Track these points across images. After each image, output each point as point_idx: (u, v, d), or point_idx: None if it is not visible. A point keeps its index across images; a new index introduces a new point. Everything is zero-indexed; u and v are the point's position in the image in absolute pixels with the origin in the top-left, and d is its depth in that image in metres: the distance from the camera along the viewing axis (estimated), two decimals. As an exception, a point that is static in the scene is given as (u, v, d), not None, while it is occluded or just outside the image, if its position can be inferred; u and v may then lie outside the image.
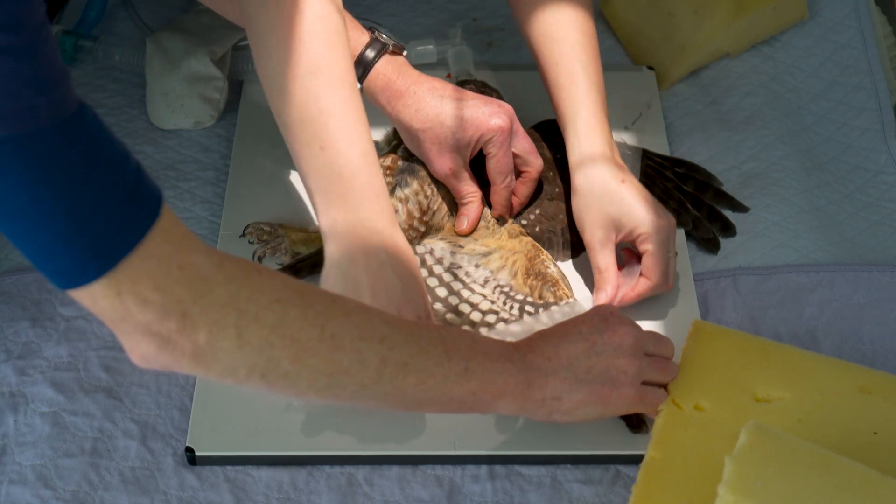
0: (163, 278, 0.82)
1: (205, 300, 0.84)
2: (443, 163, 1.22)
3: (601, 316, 1.05)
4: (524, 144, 1.24)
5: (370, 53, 1.21)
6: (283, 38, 1.07)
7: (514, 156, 1.23)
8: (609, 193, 1.18)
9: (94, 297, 0.82)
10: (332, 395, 0.92)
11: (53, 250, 0.80)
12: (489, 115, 1.21)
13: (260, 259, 1.25)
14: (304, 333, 0.88)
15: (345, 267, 1.07)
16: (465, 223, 1.24)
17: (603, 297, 1.19)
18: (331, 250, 1.08)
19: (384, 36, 1.22)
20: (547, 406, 1.01)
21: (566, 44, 1.25)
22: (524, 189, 1.26)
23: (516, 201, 1.27)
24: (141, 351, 0.85)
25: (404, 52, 1.23)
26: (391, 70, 1.21)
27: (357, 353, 0.91)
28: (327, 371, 0.90)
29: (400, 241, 1.09)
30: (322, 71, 1.08)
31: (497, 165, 1.22)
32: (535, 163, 1.25)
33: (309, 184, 1.09)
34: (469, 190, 1.23)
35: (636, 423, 1.11)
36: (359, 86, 1.20)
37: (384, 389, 0.93)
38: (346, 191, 1.07)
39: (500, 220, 1.26)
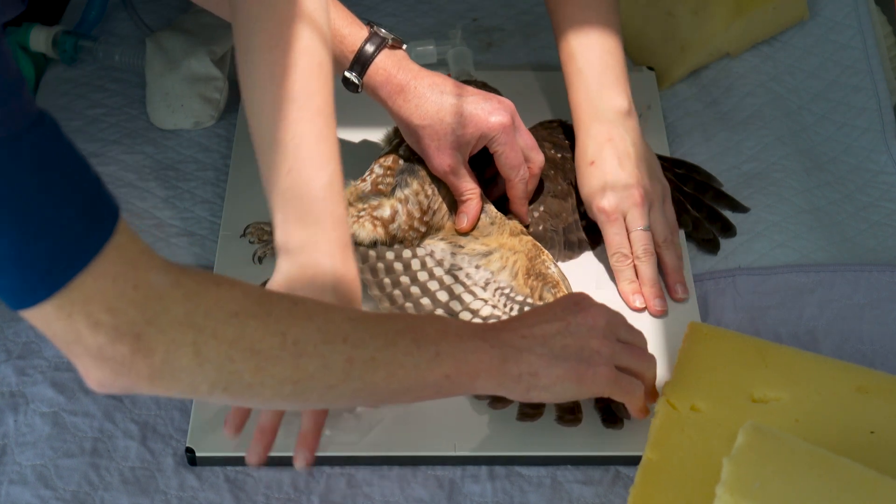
0: (116, 299, 0.80)
1: (160, 320, 0.82)
2: (442, 160, 1.22)
3: (574, 300, 1.04)
4: (526, 140, 1.24)
5: (369, 48, 1.20)
6: (268, 66, 1.06)
7: None
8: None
9: (47, 319, 0.80)
10: (299, 401, 0.92)
11: (1, 268, 0.77)
12: (490, 113, 1.20)
13: (260, 259, 1.25)
14: (265, 343, 0.87)
15: (289, 284, 1.05)
16: (465, 221, 1.24)
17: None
18: (281, 265, 1.07)
19: (383, 31, 1.22)
20: (524, 382, 1.00)
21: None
22: (529, 185, 1.26)
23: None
24: (96, 376, 0.84)
25: (404, 46, 1.23)
26: (391, 64, 1.21)
27: (321, 356, 0.90)
28: (292, 378, 0.89)
29: (350, 271, 1.07)
30: (300, 100, 1.06)
31: (507, 161, 1.22)
32: (536, 158, 1.24)
33: (271, 200, 1.08)
34: (468, 187, 1.23)
35: (612, 419, 1.11)
36: (358, 81, 1.20)
37: (353, 387, 0.92)
38: (305, 214, 1.06)
39: (507, 216, 1.26)
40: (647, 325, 1.21)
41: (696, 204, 1.33)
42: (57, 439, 1.12)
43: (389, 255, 1.22)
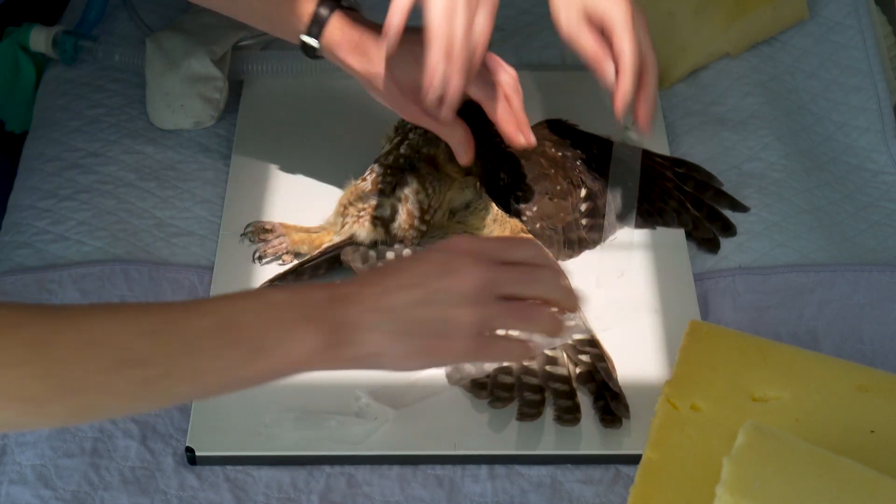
0: None
1: None
2: (412, 107, 1.18)
3: (446, 254, 0.95)
4: (488, 56, 1.17)
5: (324, 11, 1.16)
6: None
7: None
8: None
9: None
10: (97, 419, 0.89)
11: None
12: None
13: (261, 259, 1.25)
14: (40, 390, 0.82)
15: None
16: (463, 153, 1.19)
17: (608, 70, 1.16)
18: None
19: None
20: (363, 362, 0.92)
21: None
22: (517, 100, 1.19)
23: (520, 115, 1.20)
24: None
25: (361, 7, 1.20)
26: (347, 24, 1.17)
27: (109, 387, 0.85)
28: (78, 411, 0.86)
29: None
30: None
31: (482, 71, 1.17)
32: (510, 69, 1.18)
33: None
34: (452, 124, 1.18)
35: (610, 418, 1.12)
36: (315, 43, 1.16)
37: (154, 402, 0.89)
38: None
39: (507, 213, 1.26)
40: (648, 324, 1.21)
41: (696, 203, 1.33)
42: (57, 439, 1.11)
43: (390, 254, 1.22)
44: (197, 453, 1.10)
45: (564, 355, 1.16)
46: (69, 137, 1.39)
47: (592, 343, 1.17)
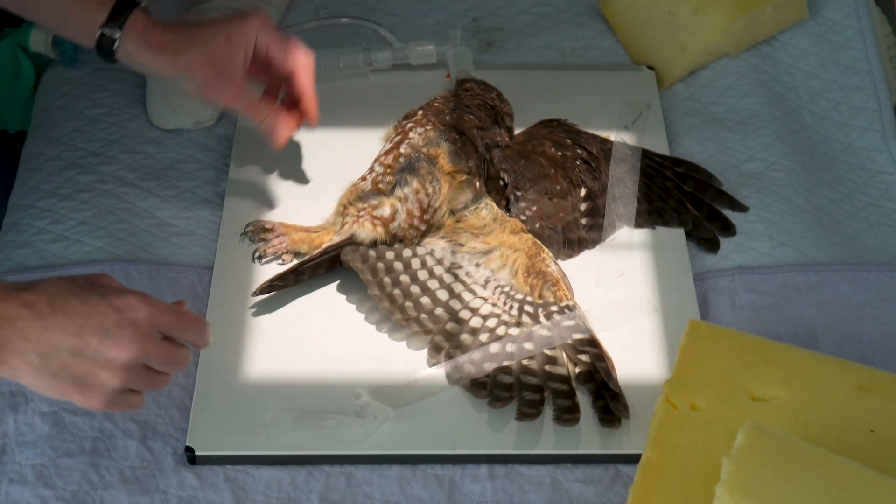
0: None
1: None
2: (221, 90, 1.20)
3: (117, 316, 0.95)
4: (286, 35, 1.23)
5: (122, 10, 1.19)
6: None
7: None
8: None
9: None
10: None
11: None
12: (242, 20, 1.20)
13: (261, 258, 1.25)
14: None
15: None
16: (283, 135, 1.24)
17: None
18: None
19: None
20: (3, 376, 0.95)
21: None
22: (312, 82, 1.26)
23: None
24: None
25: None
26: (147, 24, 1.19)
27: None
28: None
29: None
30: None
31: (286, 49, 1.22)
32: (305, 48, 1.24)
33: None
34: (260, 105, 1.23)
35: (609, 418, 1.12)
36: (116, 34, 1.18)
37: None
38: None
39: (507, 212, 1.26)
40: (648, 324, 1.21)
41: (695, 203, 1.33)
42: (57, 439, 1.12)
43: (389, 254, 1.22)
44: (197, 453, 1.10)
45: (564, 355, 1.16)
46: (69, 137, 1.39)
47: (592, 343, 1.17)
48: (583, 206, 1.29)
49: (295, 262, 1.24)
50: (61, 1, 1.18)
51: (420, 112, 1.32)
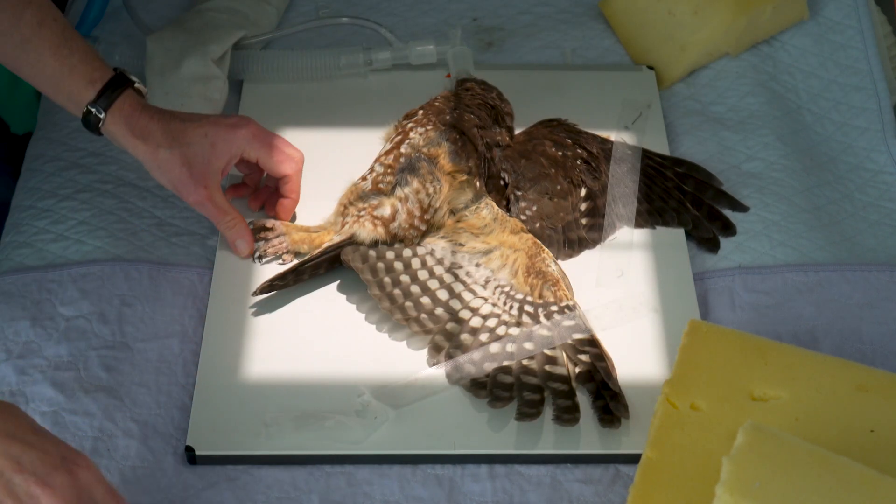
0: None
1: None
2: (197, 192, 1.21)
3: (64, 461, 0.93)
4: (277, 138, 1.25)
5: (112, 91, 1.20)
6: None
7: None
8: None
9: None
10: None
11: None
12: (233, 127, 1.22)
13: (261, 258, 1.25)
14: None
15: None
16: (243, 247, 1.24)
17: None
18: None
19: (130, 75, 1.22)
20: None
21: None
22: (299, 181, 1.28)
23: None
24: None
25: (146, 94, 1.24)
26: (135, 108, 1.20)
27: None
28: None
29: None
30: None
31: (276, 160, 1.24)
32: (296, 153, 1.26)
33: None
34: (231, 213, 1.23)
35: (609, 417, 1.12)
36: (101, 113, 1.19)
37: None
38: None
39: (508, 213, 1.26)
40: (648, 324, 1.21)
41: (695, 203, 1.33)
42: (57, 438, 1.11)
43: (390, 254, 1.22)
44: (197, 453, 1.10)
45: (564, 355, 1.16)
46: (69, 137, 1.39)
47: (592, 343, 1.17)
48: (583, 206, 1.29)
49: (295, 261, 1.24)
50: (56, 70, 1.19)
51: (421, 112, 1.32)
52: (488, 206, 1.26)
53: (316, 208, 1.29)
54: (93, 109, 1.19)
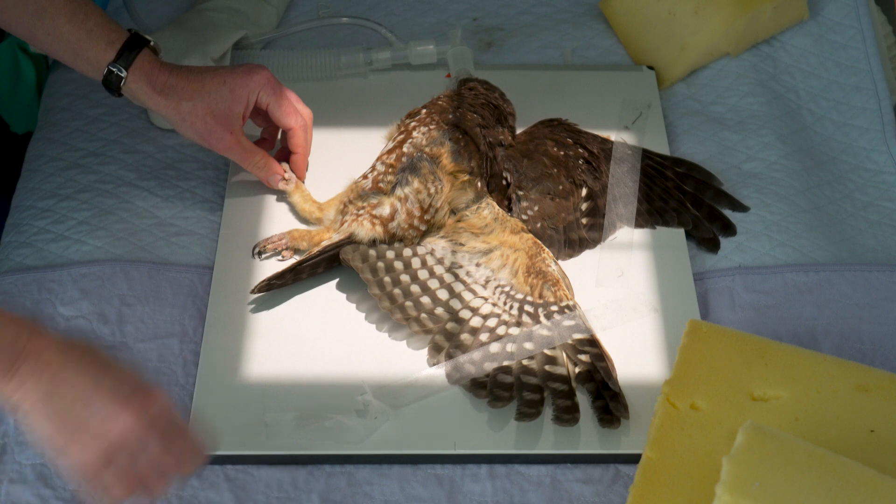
0: None
1: None
2: (221, 140, 1.25)
3: (135, 388, 0.95)
4: (290, 93, 1.29)
5: (130, 51, 1.22)
6: None
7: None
8: None
9: None
10: None
11: None
12: (247, 73, 1.25)
13: (260, 253, 1.25)
14: None
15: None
16: (277, 182, 1.29)
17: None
18: None
19: (145, 35, 1.24)
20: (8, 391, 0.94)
21: None
22: (308, 135, 1.32)
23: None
24: None
25: (153, 48, 1.26)
26: (153, 65, 1.24)
27: None
28: None
29: None
30: None
31: (283, 110, 1.28)
32: (305, 109, 1.30)
33: None
34: (258, 153, 1.28)
35: (608, 418, 1.12)
36: (123, 72, 1.22)
37: None
38: None
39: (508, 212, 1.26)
40: (648, 324, 1.21)
41: (695, 203, 1.33)
42: (57, 438, 1.11)
43: (390, 253, 1.22)
44: (197, 453, 1.10)
45: (564, 355, 1.16)
46: (69, 137, 1.39)
47: (592, 343, 1.17)
48: (583, 206, 1.29)
49: (295, 258, 1.24)
50: (73, 36, 1.21)
51: (424, 111, 1.32)
52: (489, 206, 1.26)
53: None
54: (114, 69, 1.22)
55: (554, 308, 1.18)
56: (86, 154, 1.37)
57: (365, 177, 1.27)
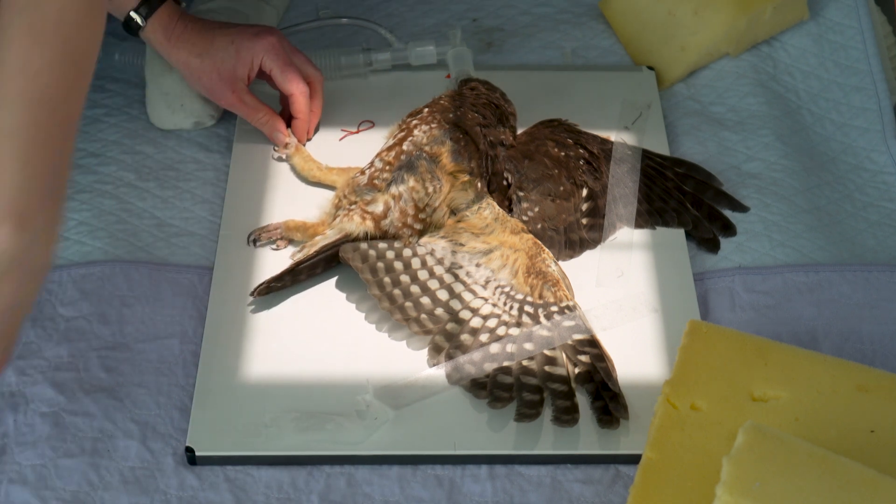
0: None
1: None
2: (226, 95, 1.32)
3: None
4: (298, 57, 1.33)
5: (142, 15, 1.29)
6: None
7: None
8: None
9: None
10: None
11: None
12: (254, 35, 1.30)
13: (255, 242, 1.25)
14: None
15: None
16: (280, 138, 1.34)
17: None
18: None
19: None
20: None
21: None
22: (313, 102, 1.35)
23: (313, 117, 1.36)
24: None
25: (183, 4, 1.32)
26: (173, 15, 1.30)
27: None
28: None
29: None
30: None
31: (284, 76, 1.31)
32: (314, 73, 1.34)
33: None
34: (262, 110, 1.33)
35: (608, 418, 1.12)
36: (143, 23, 1.29)
37: None
38: None
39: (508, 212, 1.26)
40: (648, 324, 1.21)
41: (695, 203, 1.33)
42: (57, 439, 1.12)
43: (389, 253, 1.22)
44: (197, 453, 1.10)
45: (564, 355, 1.16)
46: (69, 138, 1.39)
47: (592, 343, 1.17)
48: (584, 207, 1.29)
49: (294, 253, 1.24)
50: None
51: (426, 109, 1.32)
52: (490, 206, 1.26)
53: (316, 208, 1.29)
54: (134, 16, 1.29)
55: (554, 308, 1.18)
56: (85, 154, 1.37)
57: (362, 172, 1.27)
